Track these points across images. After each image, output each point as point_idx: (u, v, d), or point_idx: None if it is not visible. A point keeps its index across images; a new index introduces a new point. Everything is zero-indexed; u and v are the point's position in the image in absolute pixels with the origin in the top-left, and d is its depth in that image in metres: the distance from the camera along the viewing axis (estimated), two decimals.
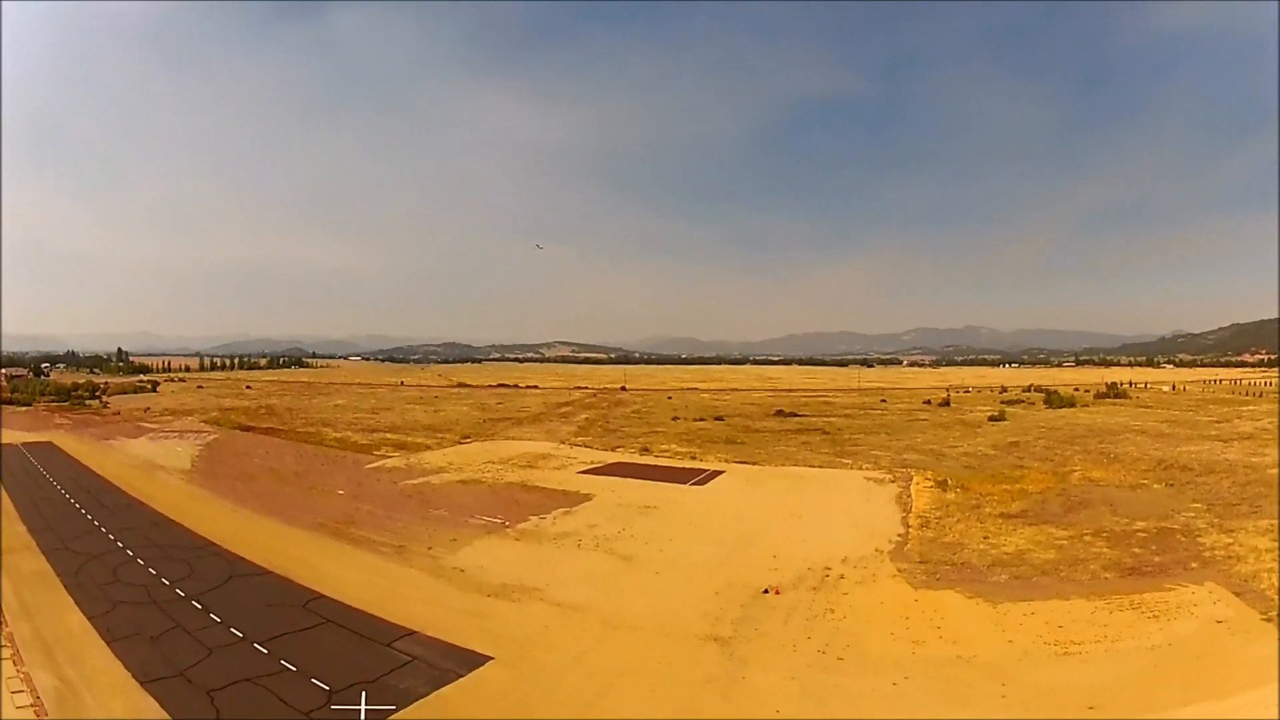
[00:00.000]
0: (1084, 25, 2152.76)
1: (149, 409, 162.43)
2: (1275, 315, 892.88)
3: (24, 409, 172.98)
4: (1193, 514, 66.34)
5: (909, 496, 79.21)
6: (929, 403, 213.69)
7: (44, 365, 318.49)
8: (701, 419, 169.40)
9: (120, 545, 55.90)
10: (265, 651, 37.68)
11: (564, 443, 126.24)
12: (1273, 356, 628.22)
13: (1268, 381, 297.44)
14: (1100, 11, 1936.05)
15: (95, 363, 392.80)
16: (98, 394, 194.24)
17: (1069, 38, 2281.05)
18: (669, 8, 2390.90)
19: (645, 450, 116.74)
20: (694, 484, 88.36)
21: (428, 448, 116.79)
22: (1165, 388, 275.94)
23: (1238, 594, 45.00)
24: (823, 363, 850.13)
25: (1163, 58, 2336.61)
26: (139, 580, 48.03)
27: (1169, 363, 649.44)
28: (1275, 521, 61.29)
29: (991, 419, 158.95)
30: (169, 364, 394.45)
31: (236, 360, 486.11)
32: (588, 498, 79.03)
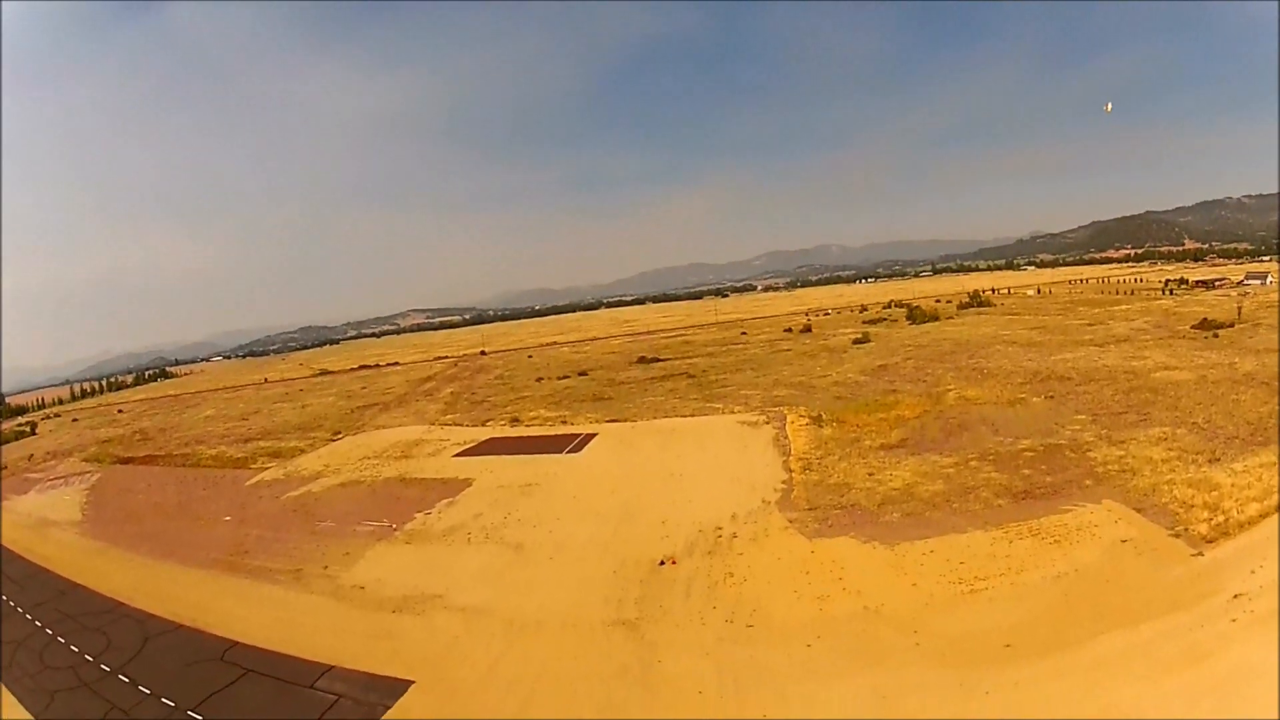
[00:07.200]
0: None
1: (32, 455, 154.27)
2: (1138, 211, 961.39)
3: None
4: (1078, 427, 69.99)
5: (786, 438, 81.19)
6: (790, 331, 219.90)
7: None
8: (566, 376, 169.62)
9: (38, 624, 54.08)
10: (199, 719, 37.67)
11: (434, 424, 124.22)
12: (1139, 251, 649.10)
13: (1136, 278, 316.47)
14: None
15: None
16: None
17: None
18: None
19: (515, 420, 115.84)
20: (569, 451, 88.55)
21: (301, 451, 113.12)
22: (1030, 292, 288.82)
23: (1139, 510, 47.57)
24: (676, 297, 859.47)
25: None
26: (65, 661, 46.98)
27: (1029, 265, 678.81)
28: (1166, 430, 64.66)
29: (856, 342, 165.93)
30: (43, 399, 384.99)
31: (105, 383, 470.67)
32: (467, 483, 78.13)
